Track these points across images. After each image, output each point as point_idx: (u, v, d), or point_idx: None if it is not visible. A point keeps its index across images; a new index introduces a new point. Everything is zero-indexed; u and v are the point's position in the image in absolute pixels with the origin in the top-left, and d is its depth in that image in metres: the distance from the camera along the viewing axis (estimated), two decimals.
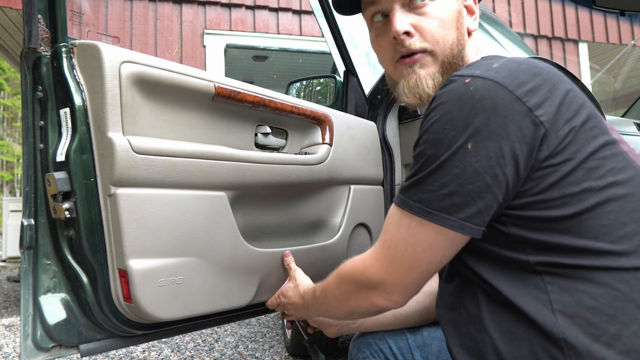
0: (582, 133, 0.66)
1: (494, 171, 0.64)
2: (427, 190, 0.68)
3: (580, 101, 0.69)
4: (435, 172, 0.67)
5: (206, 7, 4.88)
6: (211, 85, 1.09)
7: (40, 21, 0.98)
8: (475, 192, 0.65)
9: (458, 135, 0.65)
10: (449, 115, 0.66)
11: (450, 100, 0.66)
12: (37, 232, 0.99)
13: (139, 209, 0.95)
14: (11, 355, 2.66)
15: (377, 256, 0.75)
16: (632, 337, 0.61)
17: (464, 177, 0.65)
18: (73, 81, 0.96)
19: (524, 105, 0.64)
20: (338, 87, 1.95)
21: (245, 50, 5.22)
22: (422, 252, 0.70)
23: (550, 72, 0.69)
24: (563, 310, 0.64)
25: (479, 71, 0.67)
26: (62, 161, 0.95)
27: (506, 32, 2.35)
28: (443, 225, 0.67)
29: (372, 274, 0.75)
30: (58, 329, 0.98)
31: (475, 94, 0.65)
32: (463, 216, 0.66)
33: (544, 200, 0.66)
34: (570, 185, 0.65)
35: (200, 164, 1.06)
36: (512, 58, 0.71)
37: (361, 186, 1.55)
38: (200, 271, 1.06)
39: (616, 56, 5.60)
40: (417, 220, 0.69)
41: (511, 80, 0.66)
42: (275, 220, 1.31)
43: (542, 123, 0.65)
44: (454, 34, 0.80)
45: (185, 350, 2.62)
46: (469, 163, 0.65)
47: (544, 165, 0.65)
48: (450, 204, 0.66)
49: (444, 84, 0.70)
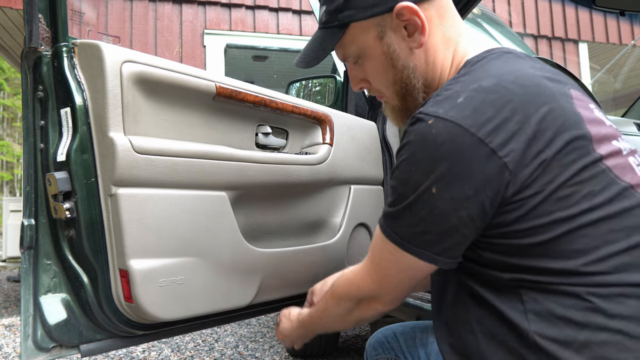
0: (555, 163, 0.65)
1: (459, 213, 0.66)
2: (401, 224, 0.72)
3: (560, 122, 0.67)
4: (405, 211, 0.70)
5: (206, 7, 4.88)
6: (212, 85, 1.09)
7: (41, 21, 0.98)
8: (444, 232, 0.68)
9: (422, 179, 0.67)
10: (414, 157, 0.68)
11: (415, 142, 0.68)
12: (38, 232, 0.99)
13: (140, 208, 0.95)
14: (11, 355, 2.66)
15: (368, 272, 0.81)
16: (602, 344, 0.62)
17: (431, 219, 0.68)
18: (74, 81, 0.96)
19: (486, 146, 0.64)
20: (338, 87, 1.95)
21: (245, 50, 5.22)
22: (405, 272, 0.76)
23: (523, 96, 0.67)
24: (536, 320, 0.66)
25: (442, 110, 0.67)
26: (63, 161, 0.95)
27: (506, 32, 2.35)
28: (419, 258, 0.71)
29: (367, 288, 0.82)
30: (58, 329, 0.98)
31: (437, 138, 0.66)
32: (436, 250, 0.70)
33: (513, 231, 0.67)
34: (539, 217, 0.65)
35: (201, 163, 1.06)
36: (482, 83, 0.69)
37: (361, 186, 1.55)
38: (201, 271, 1.06)
39: (616, 56, 5.59)
40: (397, 250, 0.73)
41: (474, 120, 0.65)
42: (276, 220, 1.31)
43: (506, 165, 0.64)
44: (389, 79, 0.84)
45: (185, 350, 2.62)
46: (435, 206, 0.67)
47: (512, 200, 0.66)
48: (422, 240, 0.70)
49: (411, 117, 0.72)
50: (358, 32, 0.82)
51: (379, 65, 0.84)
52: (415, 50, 0.81)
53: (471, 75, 0.73)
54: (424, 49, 0.81)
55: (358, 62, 0.86)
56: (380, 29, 0.80)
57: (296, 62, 0.90)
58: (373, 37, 0.81)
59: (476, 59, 0.77)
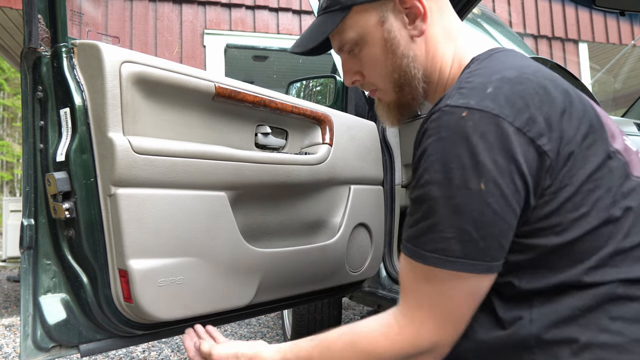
0: (579, 155, 0.65)
1: (512, 208, 0.62)
2: (443, 238, 0.63)
3: (580, 112, 0.67)
4: (449, 217, 0.62)
5: (206, 7, 4.88)
6: (211, 85, 1.09)
7: (40, 21, 0.98)
8: (498, 233, 0.63)
9: (467, 175, 0.61)
10: (453, 152, 0.62)
11: (449, 137, 0.63)
12: (37, 232, 0.99)
13: (139, 209, 0.95)
14: (11, 356, 2.66)
15: (422, 321, 0.67)
16: (602, 346, 0.62)
17: (484, 219, 0.62)
18: (73, 81, 0.96)
19: (525, 136, 0.62)
20: (338, 87, 1.95)
21: (245, 50, 5.22)
22: (465, 301, 0.66)
23: (546, 87, 0.67)
24: (539, 320, 0.65)
25: (473, 101, 0.64)
26: (62, 161, 0.95)
27: (506, 32, 2.35)
28: (473, 272, 0.64)
29: (423, 342, 0.67)
30: (58, 329, 0.98)
31: (475, 130, 0.62)
32: (490, 258, 0.64)
33: (543, 228, 0.65)
34: (569, 211, 0.64)
35: (201, 164, 1.06)
36: (505, 74, 0.67)
37: (361, 186, 1.55)
38: (201, 271, 1.06)
39: (616, 56, 5.59)
40: (446, 273, 0.64)
41: (509, 110, 0.63)
42: (276, 220, 1.31)
43: (546, 153, 0.63)
44: (388, 67, 0.81)
45: (185, 350, 2.62)
46: (486, 204, 0.61)
47: (546, 192, 0.64)
48: (474, 249, 0.63)
49: (432, 113, 0.67)
50: (359, 16, 0.80)
51: (377, 52, 0.81)
52: (416, 38, 0.80)
53: (488, 69, 0.70)
54: (424, 39, 0.80)
55: (354, 50, 0.83)
56: (382, 14, 0.79)
57: (292, 48, 0.87)
58: (374, 22, 0.80)
59: (484, 55, 0.76)
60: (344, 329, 0.75)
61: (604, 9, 1.82)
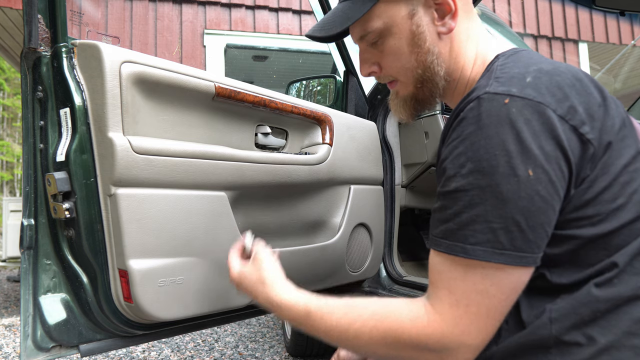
0: (616, 145, 0.65)
1: (559, 195, 0.62)
2: (489, 229, 0.60)
3: (614, 106, 0.68)
4: (496, 206, 0.60)
5: (206, 7, 4.88)
6: (211, 85, 1.09)
7: (40, 21, 0.98)
8: (546, 222, 0.62)
9: (515, 162, 0.60)
10: (497, 139, 0.61)
11: (492, 123, 0.61)
12: (37, 232, 0.99)
13: (139, 209, 0.95)
14: (11, 355, 2.66)
15: (454, 320, 0.63)
16: (620, 348, 0.61)
17: (533, 208, 0.60)
18: (73, 81, 0.96)
19: (567, 123, 0.62)
20: (338, 87, 1.95)
21: (245, 50, 5.22)
22: (506, 297, 0.63)
23: (580, 81, 0.67)
24: (559, 320, 0.64)
25: (515, 89, 0.63)
26: (62, 161, 0.95)
27: (506, 32, 2.35)
28: (523, 265, 0.62)
29: (450, 341, 0.63)
30: (58, 329, 0.98)
31: (520, 117, 0.61)
32: (537, 250, 0.62)
33: (580, 218, 0.64)
34: (605, 202, 0.64)
35: (201, 164, 1.06)
36: (542, 66, 0.67)
37: (361, 186, 1.55)
38: (201, 271, 1.06)
39: (616, 56, 5.59)
40: (490, 266, 0.61)
41: (551, 98, 0.63)
42: (276, 220, 1.31)
43: (589, 141, 0.63)
44: (412, 61, 0.79)
45: (185, 350, 2.62)
46: (536, 192, 0.60)
47: (585, 180, 0.64)
48: (523, 239, 0.60)
49: (469, 101, 0.66)
50: (389, 6, 0.78)
51: (402, 46, 0.79)
52: (443, 36, 0.79)
53: (521, 62, 0.70)
54: (450, 37, 0.79)
55: (377, 42, 0.81)
56: (413, 7, 0.78)
57: (311, 31, 0.84)
58: (403, 14, 0.78)
59: (509, 52, 0.76)
60: (373, 300, 0.72)
61: (604, 9, 1.82)
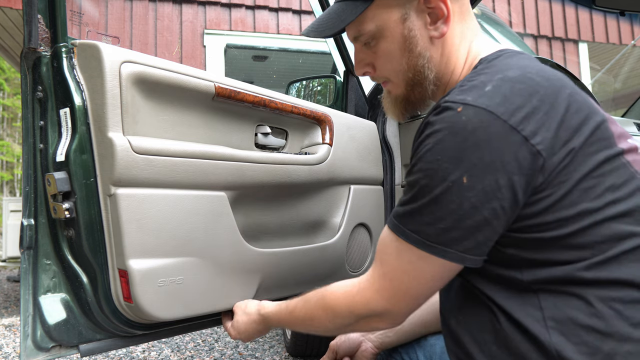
0: (581, 153, 0.65)
1: (491, 205, 0.63)
2: (423, 222, 0.67)
3: (585, 113, 0.67)
4: (430, 204, 0.66)
5: (206, 7, 4.88)
6: (211, 85, 1.09)
7: (40, 21, 0.98)
8: (474, 227, 0.65)
9: (452, 168, 0.63)
10: (442, 145, 0.64)
11: (442, 129, 0.65)
12: (37, 232, 0.99)
13: (139, 209, 0.95)
14: (11, 355, 2.66)
15: (379, 288, 0.73)
16: (626, 355, 0.61)
17: (461, 212, 0.64)
18: (73, 81, 0.96)
19: (519, 134, 0.62)
20: (338, 87, 1.95)
21: (245, 50, 5.22)
22: (425, 283, 0.70)
23: (549, 87, 0.67)
24: (557, 328, 0.64)
25: (470, 97, 0.65)
26: (62, 161, 0.95)
27: (506, 32, 2.35)
28: (443, 258, 0.67)
29: (376, 306, 0.74)
30: (58, 329, 0.98)
31: (467, 125, 0.63)
32: (462, 249, 0.66)
33: (539, 224, 0.65)
34: (565, 208, 0.64)
35: (201, 164, 1.06)
36: (507, 74, 0.68)
37: (361, 186, 1.55)
38: (201, 271, 1.06)
39: (616, 56, 5.59)
40: (418, 253, 0.68)
41: (505, 108, 0.63)
42: (276, 220, 1.31)
43: (539, 152, 0.63)
44: (403, 64, 0.81)
45: (185, 350, 2.62)
46: (466, 198, 0.63)
47: (540, 189, 0.64)
48: (448, 238, 0.66)
49: (434, 107, 0.69)
50: (381, 10, 0.79)
51: (394, 49, 0.80)
52: (435, 40, 0.79)
53: (493, 68, 0.71)
54: (442, 42, 0.80)
55: (371, 43, 0.82)
56: (405, 11, 0.78)
57: (306, 31, 0.86)
58: (396, 18, 0.79)
59: (492, 56, 0.76)
60: (325, 287, 0.84)
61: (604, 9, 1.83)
